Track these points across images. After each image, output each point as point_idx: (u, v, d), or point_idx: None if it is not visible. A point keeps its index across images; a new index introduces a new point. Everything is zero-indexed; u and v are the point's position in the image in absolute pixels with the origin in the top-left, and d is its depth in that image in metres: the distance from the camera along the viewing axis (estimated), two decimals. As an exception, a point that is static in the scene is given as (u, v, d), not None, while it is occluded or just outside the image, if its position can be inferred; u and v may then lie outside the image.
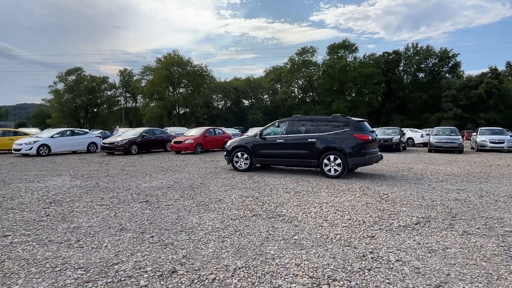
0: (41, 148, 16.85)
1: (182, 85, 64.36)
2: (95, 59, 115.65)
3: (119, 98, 77.56)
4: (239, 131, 30.99)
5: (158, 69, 60.87)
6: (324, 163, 9.14)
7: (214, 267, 3.28)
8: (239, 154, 10.43)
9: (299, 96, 69.98)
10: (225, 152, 11.04)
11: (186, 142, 18.01)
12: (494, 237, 4.16)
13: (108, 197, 6.61)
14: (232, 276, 3.10)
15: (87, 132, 21.33)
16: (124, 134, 19.95)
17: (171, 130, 25.80)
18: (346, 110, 57.08)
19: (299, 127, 9.82)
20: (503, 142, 19.25)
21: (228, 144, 11.10)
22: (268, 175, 9.52)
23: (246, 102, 73.02)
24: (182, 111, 66.92)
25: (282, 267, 3.28)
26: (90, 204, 6.00)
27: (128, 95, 77.20)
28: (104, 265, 3.35)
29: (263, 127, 11.03)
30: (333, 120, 9.56)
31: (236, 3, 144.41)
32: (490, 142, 19.53)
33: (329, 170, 9.08)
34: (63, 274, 3.16)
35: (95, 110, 74.56)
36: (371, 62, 61.59)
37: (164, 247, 3.85)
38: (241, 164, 10.38)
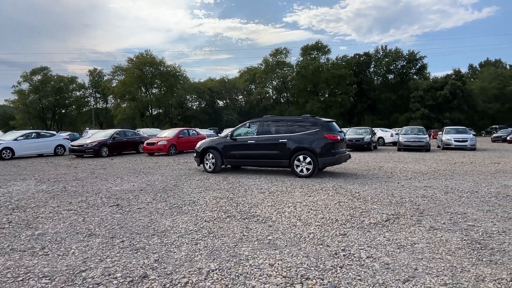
0: (3, 152, 15.98)
1: (155, 85, 63.12)
2: (62, 58, 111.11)
3: (89, 98, 75.06)
4: (214, 132, 30.78)
5: (129, 69, 59.36)
6: (295, 163, 9.22)
7: (187, 271, 3.23)
8: (210, 155, 10.29)
9: (274, 97, 70.51)
10: (195, 154, 10.83)
11: (159, 143, 17.67)
12: (458, 232, 4.36)
13: (76, 202, 6.36)
14: (205, 279, 3.06)
15: (54, 134, 20.45)
16: (94, 136, 19.30)
17: (143, 131, 25.24)
18: (320, 111, 58.12)
19: (270, 127, 9.85)
20: (466, 141, 20.23)
21: (198, 145, 10.90)
22: (242, 176, 9.51)
23: (220, 103, 72.61)
24: (155, 112, 65.65)
25: (256, 268, 3.28)
26: (56, 209, 5.75)
27: (98, 95, 74.80)
28: (71, 272, 3.22)
29: (233, 128, 10.96)
30: (303, 120, 9.67)
31: (209, 3, 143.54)
32: (455, 141, 20.46)
33: (300, 170, 9.17)
34: (25, 284, 3.00)
35: (63, 111, 71.69)
36: (343, 64, 63.03)
37: (135, 251, 3.75)
38: (211, 165, 10.25)
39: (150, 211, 5.55)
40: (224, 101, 73.00)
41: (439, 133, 26.00)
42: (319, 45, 62.96)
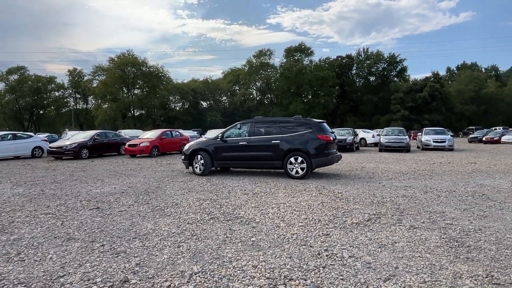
0: (-23, 154, 15.39)
1: (137, 86, 62.09)
2: (40, 58, 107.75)
3: (68, 99, 73.15)
4: (197, 133, 30.54)
5: (111, 69, 58.19)
6: (288, 164, 9.19)
7: (169, 274, 3.18)
8: (198, 157, 10.03)
9: (258, 98, 70.58)
10: (183, 156, 10.56)
11: (141, 145, 17.40)
12: (437, 230, 4.47)
13: (55, 205, 6.18)
14: (188, 282, 3.03)
15: (31, 136, 19.84)
16: (73, 137, 18.83)
17: (125, 132, 24.80)
18: (303, 112, 58.52)
19: (261, 129, 9.75)
20: (444, 142, 20.82)
21: (186, 147, 10.62)
22: (226, 178, 9.47)
23: (204, 104, 72.13)
24: (138, 113, 64.59)
25: (239, 270, 3.26)
26: (33, 213, 5.57)
27: (78, 96, 73.02)
28: (48, 278, 3.12)
29: (224, 129, 10.71)
30: (296, 121, 9.63)
31: (193, 3, 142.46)
32: (434, 142, 21.02)
33: (294, 171, 9.14)
34: (0, 291, 2.89)
35: (41, 112, 69.63)
36: (326, 66, 63.82)
37: (116, 255, 3.67)
38: (200, 168, 10.00)
39: (132, 214, 5.45)
40: (208, 102, 72.64)
41: (418, 134, 26.67)
42: (303, 47, 63.54)
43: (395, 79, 67.28)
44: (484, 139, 32.19)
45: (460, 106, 62.31)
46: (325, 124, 9.94)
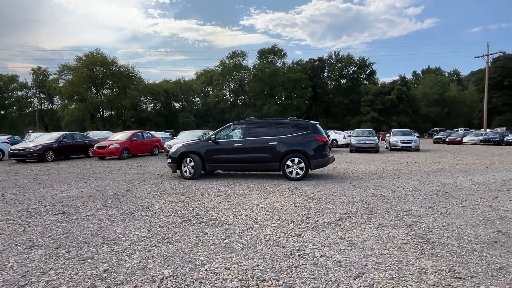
0: None
1: (107, 86, 60.11)
2: (1, 55, 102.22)
3: (32, 99, 69.74)
4: (169, 134, 29.99)
5: (78, 68, 55.94)
6: (286, 166, 9.10)
7: (139, 279, 3.10)
8: (187, 160, 9.45)
9: (231, 99, 70.43)
10: (169, 160, 9.82)
11: (111, 146, 16.87)
12: (404, 228, 4.63)
13: (16, 211, 5.86)
14: (158, 286, 2.96)
15: (-9, 138, 18.73)
16: (37, 139, 17.96)
17: (94, 134, 23.93)
18: (277, 114, 59.06)
19: (257, 130, 9.52)
20: (411, 142, 21.68)
21: (173, 150, 9.88)
22: (199, 180, 9.36)
23: (177, 105, 70.96)
24: (107, 113, 62.57)
25: (211, 273, 3.23)
26: (-8, 220, 5.25)
27: (43, 96, 69.80)
28: (8, 288, 2.95)
29: (215, 131, 10.20)
30: (292, 123, 9.57)
31: (165, 2, 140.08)
32: (401, 142, 21.84)
33: (291, 173, 9.07)
34: (-47, 304, 2.70)
35: (1, 112, 65.90)
36: (298, 68, 64.77)
37: (83, 262, 3.53)
38: (190, 171, 9.42)
39: (100, 218, 5.27)
40: (180, 103, 71.54)
41: (387, 135, 27.60)
42: (276, 49, 64.17)
43: (365, 82, 69.41)
44: (447, 140, 33.87)
45: (425, 109, 65.24)
46: (319, 125, 9.96)
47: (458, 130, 42.83)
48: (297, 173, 9.05)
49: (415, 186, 8.05)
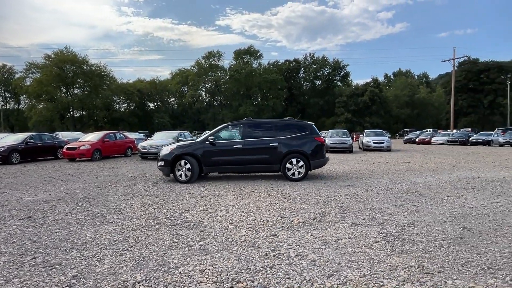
0: None
1: (77, 85, 57.96)
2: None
3: (-4, 98, 66.27)
4: (143, 135, 29.36)
5: (47, 66, 53.63)
6: (287, 166, 9.11)
7: (110, 285, 3.00)
8: (182, 163, 8.94)
9: (207, 100, 69.91)
10: (161, 162, 9.18)
11: (81, 148, 16.30)
12: (375, 226, 4.75)
13: (-23, 216, 5.53)
14: (130, 291, 2.88)
15: (-51, 139, 17.61)
16: (2, 140, 17.06)
17: (63, 135, 23.01)
18: (253, 114, 59.08)
19: (255, 131, 9.41)
20: (383, 143, 22.34)
21: (165, 152, 9.23)
22: (173, 181, 9.22)
23: (151, 105, 69.54)
24: (78, 114, 60.41)
25: (185, 276, 3.18)
26: (-50, 226, 4.93)
27: (8, 95, 66.46)
28: (-33, 299, 2.77)
29: (210, 132, 9.77)
30: (291, 123, 9.62)
31: (139, 0, 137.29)
32: (374, 143, 22.45)
33: (293, 174, 9.09)
34: None
35: (-38, 112, 62.26)
36: (274, 69, 65.24)
37: (50, 268, 3.38)
38: (186, 174, 8.93)
39: (69, 223, 5.07)
40: (155, 103, 70.16)
41: (360, 135, 28.29)
42: (252, 50, 64.33)
43: (339, 83, 70.89)
44: (417, 140, 35.16)
45: (397, 110, 67.45)
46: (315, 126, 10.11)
47: (427, 131, 44.56)
48: (295, 174, 9.11)
49: (387, 185, 8.28)
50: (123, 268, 3.38)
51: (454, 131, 40.75)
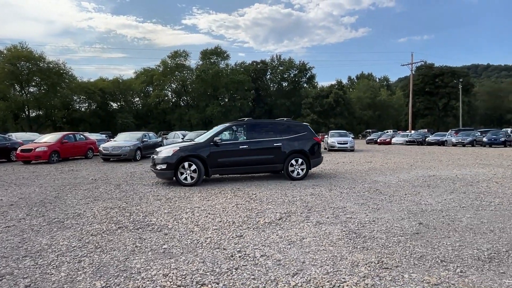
0: None
1: (33, 83, 54.58)
2: None
3: None
4: (106, 136, 28.28)
5: (-1, 63, 50.22)
6: (290, 166, 9.31)
7: (67, 293, 2.86)
8: (186, 165, 8.49)
9: (173, 100, 68.58)
10: (163, 165, 8.48)
11: (37, 149, 15.40)
12: (339, 224, 4.89)
13: None
14: (89, 300, 2.76)
15: None
16: None
17: (17, 136, 21.63)
18: (220, 115, 58.90)
19: (258, 131, 9.45)
20: (347, 143, 23.08)
21: (166, 154, 8.60)
22: (137, 183, 8.96)
23: (114, 105, 66.96)
24: (34, 113, 56.93)
25: (148, 280, 3.10)
26: None
27: (-46, 92, 61.31)
28: None
29: (214, 132, 9.37)
30: (290, 124, 9.89)
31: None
32: (338, 143, 23.13)
33: (295, 173, 9.34)
34: None
35: None
36: (241, 70, 65.33)
37: (0, 279, 3.16)
38: (192, 176, 8.51)
39: (22, 229, 4.77)
40: (119, 103, 67.62)
41: (325, 136, 29.02)
42: (219, 50, 64.03)
43: (305, 85, 72.38)
44: (378, 140, 36.66)
45: (360, 111, 70.03)
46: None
47: (387, 132, 46.61)
48: (298, 173, 9.39)
49: (350, 184, 8.56)
50: (81, 275, 3.22)
51: (412, 132, 42.92)
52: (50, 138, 17.27)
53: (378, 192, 7.36)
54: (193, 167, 8.51)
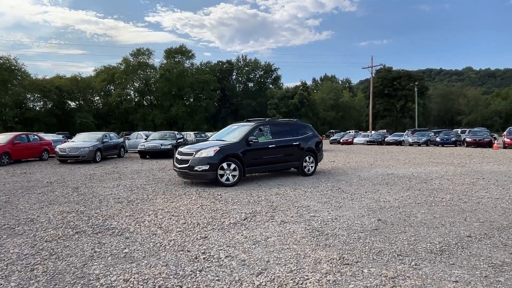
0: None
1: (-19, 80, 50.76)
2: None
3: None
4: (63, 137, 26.79)
5: None
6: (304, 163, 10.04)
7: (17, 304, 2.68)
8: (224, 165, 8.32)
9: (136, 99, 66.50)
10: (204, 167, 8.17)
11: (-15, 151, 14.27)
12: (303, 223, 4.99)
13: None
14: (42, 310, 2.60)
15: None
16: None
17: (-39, 136, 19.94)
18: (185, 115, 58.03)
19: (279, 130, 9.89)
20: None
21: (207, 155, 8.26)
22: (96, 185, 8.59)
23: (72, 104, 63.63)
24: (-19, 113, 52.87)
25: (108, 287, 2.98)
26: None
27: None
28: None
29: (246, 132, 9.21)
30: (302, 124, 10.75)
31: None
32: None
33: (308, 170, 10.10)
34: None
35: None
36: (207, 70, 64.76)
37: None
38: (233, 176, 8.41)
39: (-33, 238, 4.40)
40: (77, 102, 64.34)
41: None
42: (184, 49, 62.96)
43: (271, 86, 73.19)
44: (341, 140, 37.84)
45: (323, 112, 71.96)
46: None
47: (350, 132, 48.26)
48: (309, 169, 10.19)
49: (314, 183, 8.75)
50: (34, 284, 3.04)
51: (373, 132, 44.71)
52: (0, 139, 16.09)
53: (340, 191, 7.59)
54: (233, 166, 8.46)
